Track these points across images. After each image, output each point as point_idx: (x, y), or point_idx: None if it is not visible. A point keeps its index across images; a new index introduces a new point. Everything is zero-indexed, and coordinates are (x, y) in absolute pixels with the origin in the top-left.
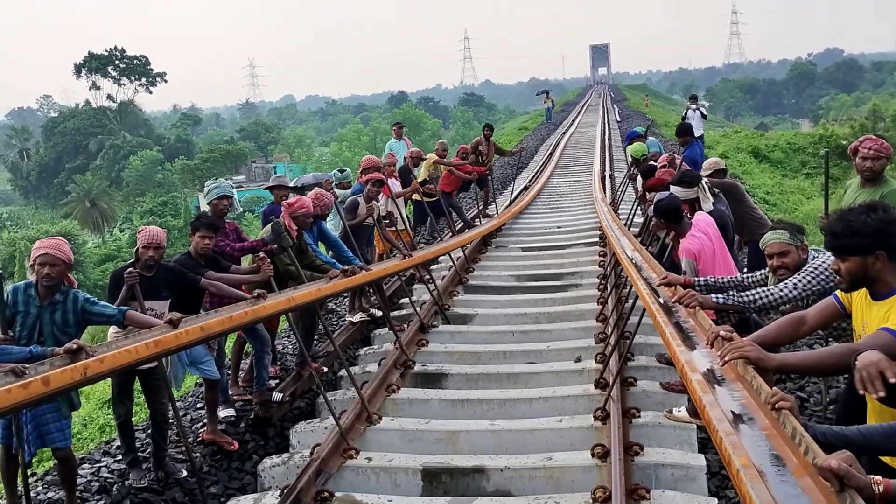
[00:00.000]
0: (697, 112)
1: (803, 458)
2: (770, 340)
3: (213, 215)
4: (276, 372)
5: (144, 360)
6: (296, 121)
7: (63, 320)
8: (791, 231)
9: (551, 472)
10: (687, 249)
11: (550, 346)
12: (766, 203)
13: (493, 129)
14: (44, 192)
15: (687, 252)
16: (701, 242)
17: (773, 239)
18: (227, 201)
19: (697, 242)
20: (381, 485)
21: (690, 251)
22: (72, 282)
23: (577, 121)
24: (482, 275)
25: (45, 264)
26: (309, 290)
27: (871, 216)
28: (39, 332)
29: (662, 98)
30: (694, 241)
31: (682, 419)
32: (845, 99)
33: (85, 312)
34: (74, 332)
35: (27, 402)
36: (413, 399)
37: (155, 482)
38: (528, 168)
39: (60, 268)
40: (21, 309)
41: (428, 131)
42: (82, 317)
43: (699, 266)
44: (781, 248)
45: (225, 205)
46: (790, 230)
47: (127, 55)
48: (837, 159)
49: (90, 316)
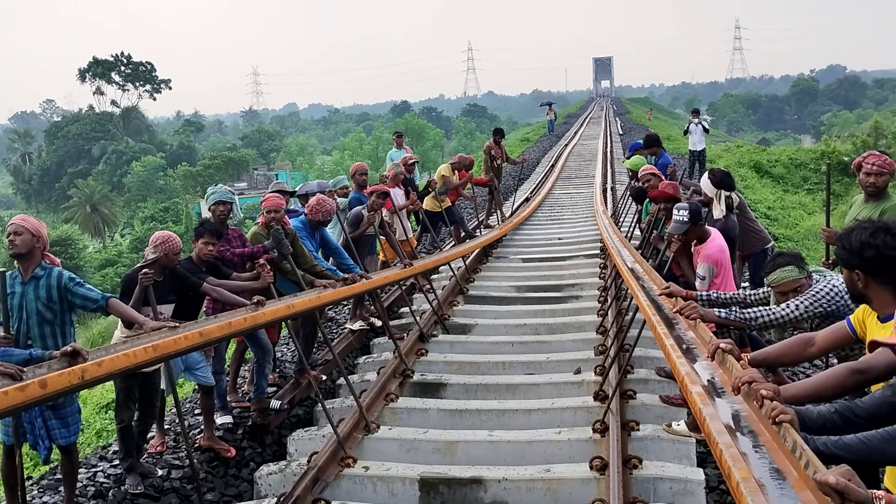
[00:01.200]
0: (700, 126)
1: (804, 472)
2: (773, 359)
3: (214, 221)
4: (274, 379)
5: (143, 365)
6: (298, 129)
7: (47, 296)
8: (796, 264)
9: (549, 483)
10: (710, 256)
11: (550, 358)
12: (768, 218)
13: (504, 135)
14: (45, 196)
15: (709, 258)
16: (724, 253)
17: (785, 278)
18: (224, 207)
19: (721, 252)
20: (378, 494)
21: (714, 258)
22: (52, 260)
23: (580, 133)
24: (482, 285)
25: (10, 234)
26: (309, 298)
27: (861, 234)
28: (24, 309)
29: (665, 112)
30: (717, 250)
31: (682, 433)
32: (847, 116)
33: (68, 292)
34: (58, 309)
35: (24, 404)
36: (411, 408)
37: (151, 488)
38: (529, 179)
39: (25, 236)
40: (9, 291)
41: (430, 141)
42: (66, 295)
43: (717, 276)
44: (796, 284)
45: (223, 210)
46: (796, 263)
47: (132, 61)
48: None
49: (74, 297)
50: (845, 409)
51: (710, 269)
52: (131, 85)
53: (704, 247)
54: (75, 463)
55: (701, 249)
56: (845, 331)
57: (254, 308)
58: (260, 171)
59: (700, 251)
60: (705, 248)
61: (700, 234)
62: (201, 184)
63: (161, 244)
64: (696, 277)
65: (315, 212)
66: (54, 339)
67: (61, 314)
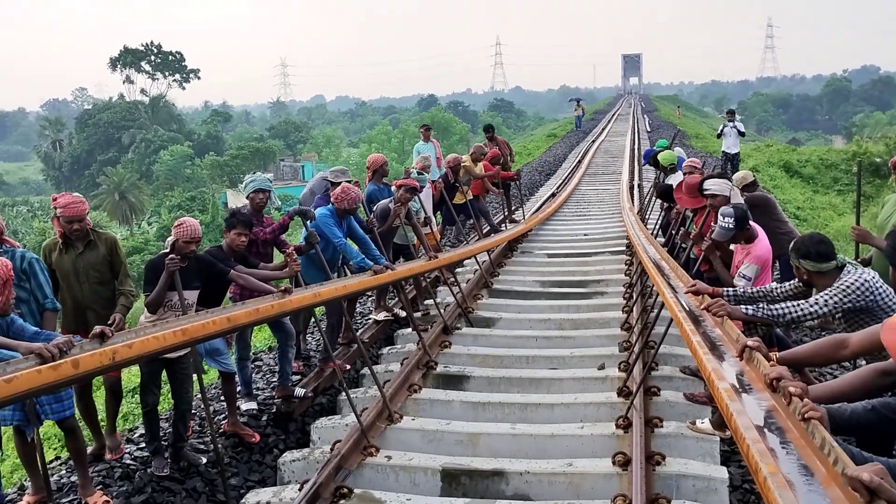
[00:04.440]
0: (735, 129)
1: (832, 469)
2: (803, 359)
3: (251, 209)
4: (299, 368)
5: (172, 348)
6: (325, 121)
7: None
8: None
9: (571, 478)
10: (760, 257)
11: (574, 353)
12: (797, 218)
13: (494, 128)
14: (75, 183)
15: (759, 259)
16: (770, 252)
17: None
18: (264, 195)
19: (768, 252)
20: (400, 484)
21: (763, 259)
22: (11, 243)
23: (607, 130)
24: (507, 279)
25: None
26: (335, 287)
27: None
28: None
29: (694, 110)
30: (766, 250)
31: (706, 431)
32: (880, 117)
33: (28, 273)
34: (28, 287)
35: (57, 383)
36: (434, 400)
37: (176, 471)
38: (556, 175)
39: None
40: None
41: (456, 135)
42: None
43: (760, 274)
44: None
45: (261, 198)
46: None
47: (162, 51)
48: (870, 177)
49: (31, 277)
50: (883, 405)
51: (757, 270)
52: (161, 74)
53: (753, 247)
54: (80, 440)
55: (751, 249)
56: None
57: (281, 295)
58: (286, 162)
59: (750, 251)
60: (755, 249)
61: (748, 235)
62: (228, 174)
63: (176, 227)
64: (740, 277)
65: (340, 200)
66: (32, 317)
67: (30, 290)
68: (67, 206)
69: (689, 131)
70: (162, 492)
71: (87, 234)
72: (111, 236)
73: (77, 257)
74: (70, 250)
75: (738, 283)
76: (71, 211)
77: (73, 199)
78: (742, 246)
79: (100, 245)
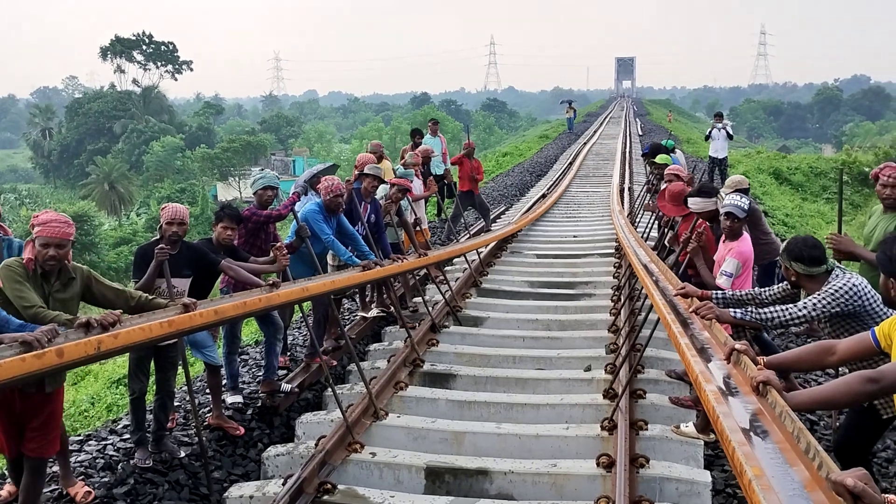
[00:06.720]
0: (723, 131)
1: (816, 473)
2: (790, 364)
3: (258, 205)
4: (285, 363)
5: (158, 340)
6: (317, 116)
7: None
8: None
9: (555, 478)
10: (742, 253)
11: (561, 354)
12: (786, 225)
13: (424, 134)
14: (64, 172)
15: (741, 255)
16: (752, 252)
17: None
18: (272, 192)
19: (750, 251)
20: (384, 480)
21: (745, 255)
22: (5, 230)
23: (599, 132)
24: (496, 279)
25: None
26: (323, 282)
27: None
28: None
29: (686, 115)
30: (749, 248)
31: (690, 434)
32: (870, 126)
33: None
34: None
35: (41, 372)
36: (420, 398)
37: (159, 463)
38: (546, 176)
39: None
40: None
41: (449, 134)
42: None
43: (740, 274)
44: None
45: (270, 195)
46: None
47: (154, 40)
48: (858, 186)
49: None
50: None
51: (738, 266)
52: (153, 64)
53: (738, 243)
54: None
55: (734, 246)
56: (869, 342)
57: (269, 289)
58: (277, 156)
59: (733, 248)
60: (739, 245)
61: (740, 230)
62: (219, 166)
63: (162, 210)
64: (721, 274)
65: (328, 191)
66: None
67: None
68: (48, 223)
69: (681, 136)
70: (144, 483)
71: (62, 270)
72: (85, 269)
73: (52, 292)
74: (43, 282)
75: (720, 280)
76: (50, 231)
77: (56, 216)
78: (726, 243)
79: (78, 281)
